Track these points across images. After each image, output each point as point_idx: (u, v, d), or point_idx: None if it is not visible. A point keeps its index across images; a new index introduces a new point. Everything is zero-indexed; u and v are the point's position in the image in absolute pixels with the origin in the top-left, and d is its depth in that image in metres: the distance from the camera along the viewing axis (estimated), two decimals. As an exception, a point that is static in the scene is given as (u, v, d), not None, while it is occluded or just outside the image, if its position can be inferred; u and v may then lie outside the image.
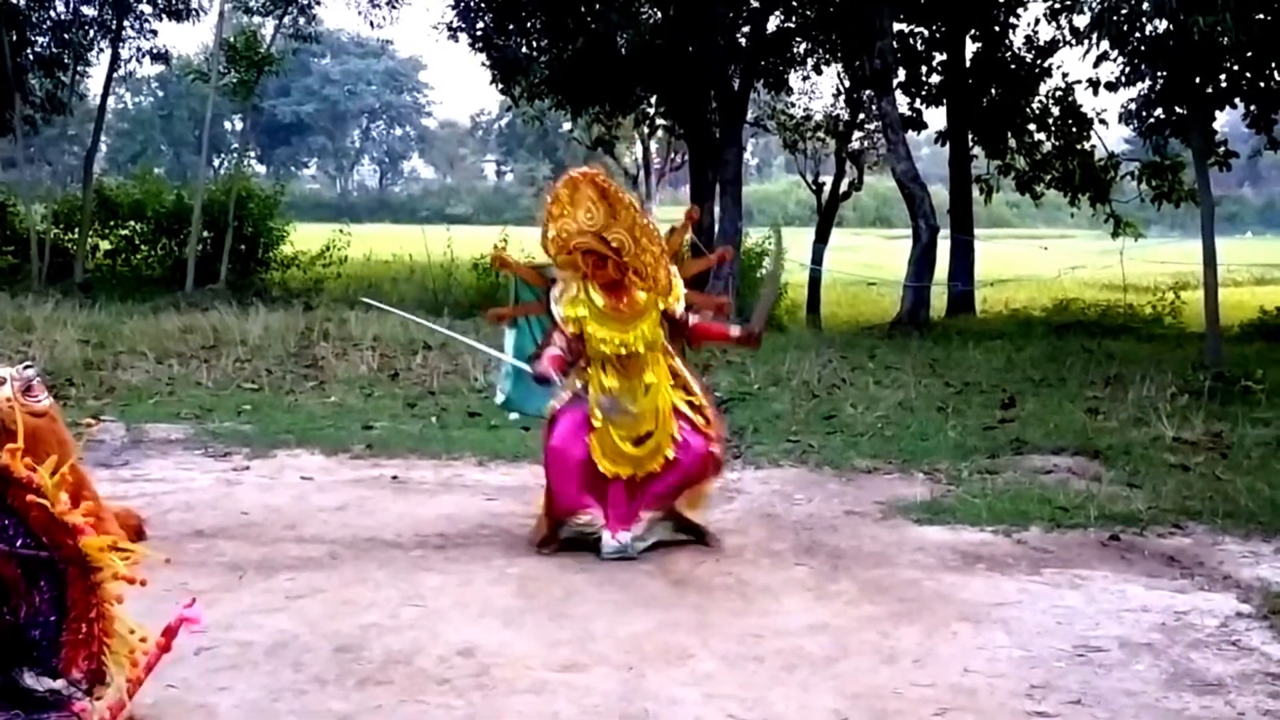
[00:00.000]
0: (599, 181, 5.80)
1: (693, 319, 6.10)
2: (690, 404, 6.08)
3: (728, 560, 5.88)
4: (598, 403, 5.89)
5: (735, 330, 6.16)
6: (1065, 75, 21.73)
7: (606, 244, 5.73)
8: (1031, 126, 22.08)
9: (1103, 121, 21.06)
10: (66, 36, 23.02)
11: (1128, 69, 14.60)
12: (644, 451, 5.93)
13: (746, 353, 13.87)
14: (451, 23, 22.24)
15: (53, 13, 23.27)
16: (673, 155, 36.65)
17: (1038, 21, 22.02)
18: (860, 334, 18.28)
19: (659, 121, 28.12)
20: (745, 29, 21.43)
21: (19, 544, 3.14)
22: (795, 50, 23.22)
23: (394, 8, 24.23)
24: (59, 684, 3.25)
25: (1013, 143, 22.07)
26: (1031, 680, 4.33)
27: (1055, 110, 21.69)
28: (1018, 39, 22.11)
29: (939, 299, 20.86)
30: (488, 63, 22.58)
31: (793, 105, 26.02)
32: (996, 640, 4.75)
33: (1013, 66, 21.90)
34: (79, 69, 24.22)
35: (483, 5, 21.80)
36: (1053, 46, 21.46)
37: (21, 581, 3.19)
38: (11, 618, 3.24)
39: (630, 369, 5.88)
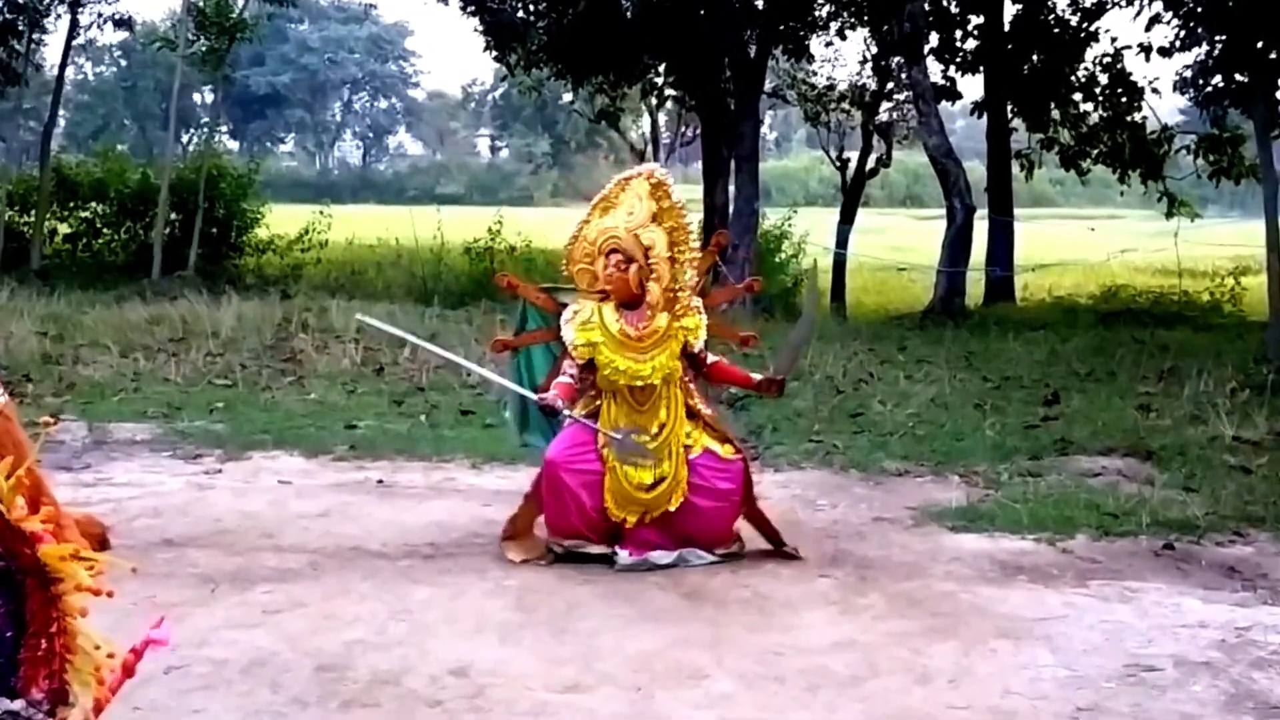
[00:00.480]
0: (652, 178, 5.93)
1: (711, 358, 6.12)
2: (715, 437, 6.05)
3: (745, 572, 5.88)
4: (609, 440, 5.86)
5: (757, 377, 6.13)
6: (1114, 40, 21.59)
7: (638, 241, 5.80)
8: (1077, 96, 21.99)
9: (1155, 91, 20.98)
10: (20, 1, 23.02)
11: (1183, 33, 14.62)
12: (655, 495, 5.88)
13: (765, 344, 13.90)
14: (441, -16, 22.25)
15: (6, -25, 23.28)
16: (683, 129, 36.60)
17: (1084, -20, 21.94)
18: (889, 324, 18.28)
19: (668, 92, 28.10)
20: (763, -10, 21.40)
21: None
22: (817, 13, 23.15)
23: (378, -32, 24.23)
24: (17, 705, 3.25)
25: (1056, 114, 21.97)
26: (1078, 703, 4.33)
27: (1103, 78, 21.60)
28: (1062, 0, 22.08)
29: (975, 285, 20.83)
30: (481, 28, 22.59)
31: (815, 74, 25.99)
32: (1039, 659, 4.75)
33: (1056, 30, 21.79)
34: (35, 37, 24.24)
35: (476, -35, 21.83)
36: (1100, 8, 21.39)
37: (-24, 597, 3.20)
38: (-35, 635, 3.25)
39: (643, 403, 5.88)
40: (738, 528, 6.13)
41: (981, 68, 22.21)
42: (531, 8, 22.29)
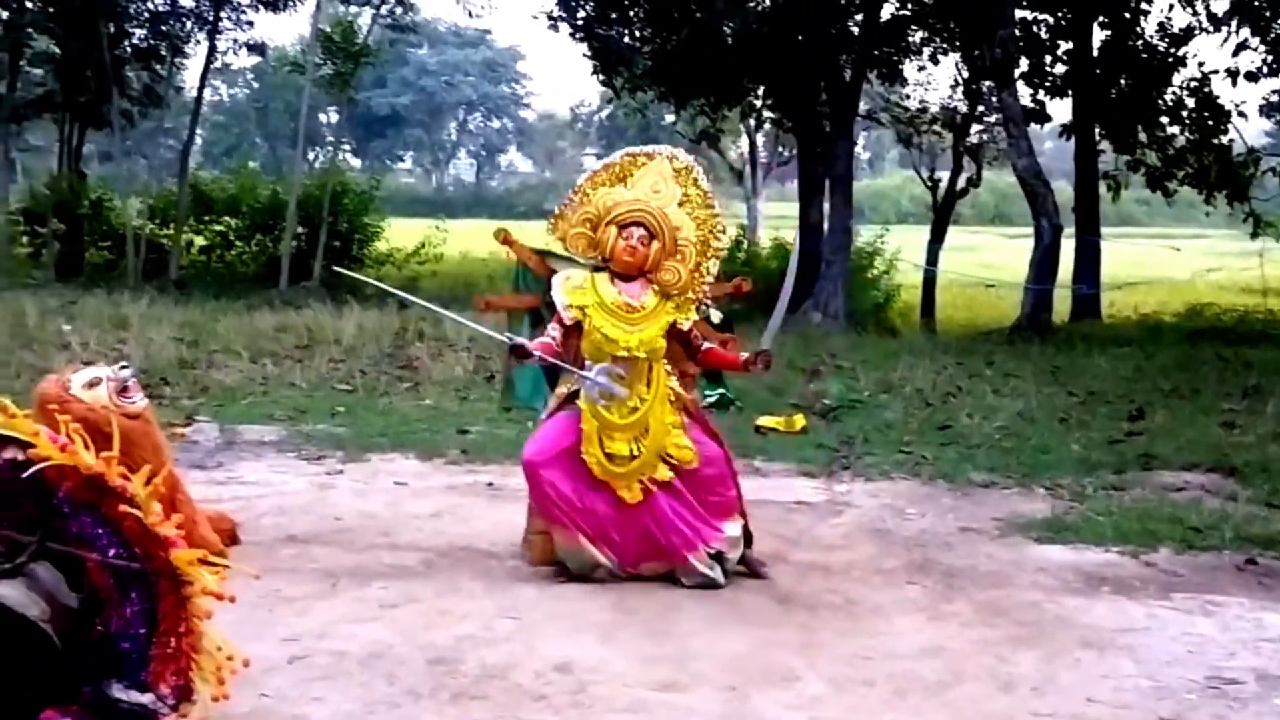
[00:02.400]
0: (676, 161, 5.74)
1: (706, 345, 5.94)
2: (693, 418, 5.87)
3: (836, 577, 5.85)
4: (580, 379, 5.59)
5: (744, 356, 5.91)
6: (1201, 65, 21.44)
7: (667, 220, 5.62)
8: (1164, 119, 21.62)
9: (1242, 114, 20.61)
10: (164, 29, 23.60)
11: (1270, 58, 14.25)
12: (634, 467, 5.62)
13: (857, 358, 13.83)
14: (552, 12, 22.41)
15: (150, 5, 23.89)
16: (780, 150, 36.48)
17: (1172, 7, 21.55)
18: (977, 339, 18.04)
19: (766, 114, 28.06)
20: (858, 16, 21.25)
21: (111, 554, 3.23)
22: (911, 39, 23.00)
23: (493, -4, 24.50)
24: (146, 698, 3.34)
25: (1143, 136, 21.64)
26: (1160, 713, 4.25)
27: (1190, 102, 21.23)
28: (1150, 26, 21.70)
29: (1062, 302, 20.51)
30: (589, 53, 22.71)
31: (907, 97, 25.77)
32: (1122, 669, 4.67)
33: (1144, 55, 21.46)
34: (176, 61, 24.83)
35: (585, -7, 21.94)
36: (1188, 34, 21.03)
37: (114, 593, 3.28)
38: (103, 628, 3.33)
39: (625, 375, 5.61)
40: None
41: (1070, 91, 21.92)
42: (637, 33, 22.37)
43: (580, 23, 22.23)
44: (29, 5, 21.63)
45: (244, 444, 8.83)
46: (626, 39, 22.29)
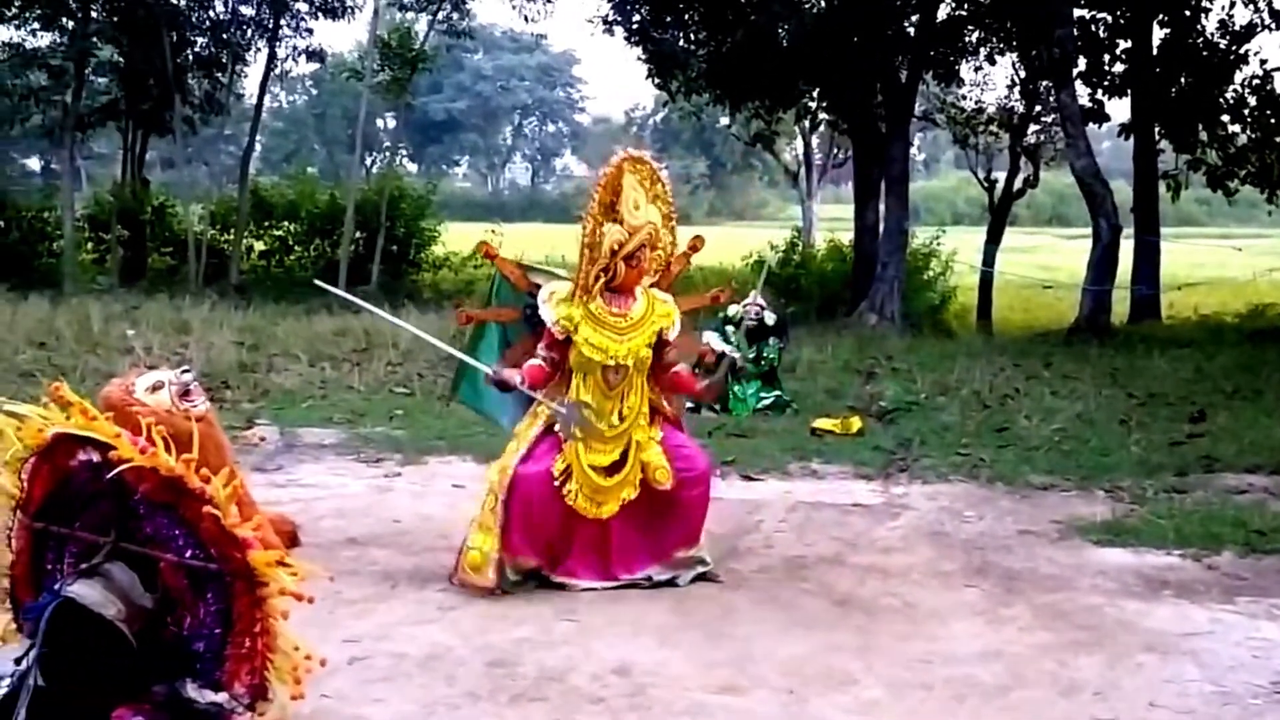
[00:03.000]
0: (635, 167, 5.63)
1: (677, 367, 5.84)
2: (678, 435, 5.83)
3: (894, 580, 5.82)
4: (553, 410, 5.60)
5: (701, 385, 5.86)
6: (1264, 62, 20.93)
7: (655, 229, 5.61)
8: (1225, 118, 21.36)
9: (1305, 112, 20.27)
10: (225, 37, 23.85)
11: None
12: (617, 481, 5.63)
13: (913, 360, 13.75)
14: (607, 16, 22.41)
15: (212, 13, 24.14)
16: (835, 151, 36.35)
17: (1233, 4, 21.27)
18: (1035, 341, 17.90)
19: (821, 116, 27.94)
20: (914, 17, 21.12)
21: (188, 555, 3.27)
22: (967, 39, 22.82)
23: (548, 1, 24.56)
24: (221, 697, 3.37)
25: (1204, 135, 21.36)
26: (1224, 718, 4.19)
27: (1252, 100, 20.94)
28: (1211, 23, 21.41)
29: (1121, 304, 20.28)
30: (644, 56, 22.70)
31: (964, 97, 25.57)
32: (1186, 673, 4.61)
33: (1205, 53, 21.17)
34: (236, 69, 25.10)
35: (639, -2, 21.94)
36: (1250, 31, 20.74)
37: (188, 593, 3.33)
38: (176, 629, 3.38)
39: (614, 386, 5.61)
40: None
41: (1129, 90, 21.66)
42: (692, 36, 22.36)
43: (635, 26, 22.23)
44: (94, 15, 21.93)
45: (303, 447, 8.90)
46: (681, 42, 22.28)
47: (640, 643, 4.88)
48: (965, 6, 22.16)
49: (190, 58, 24.03)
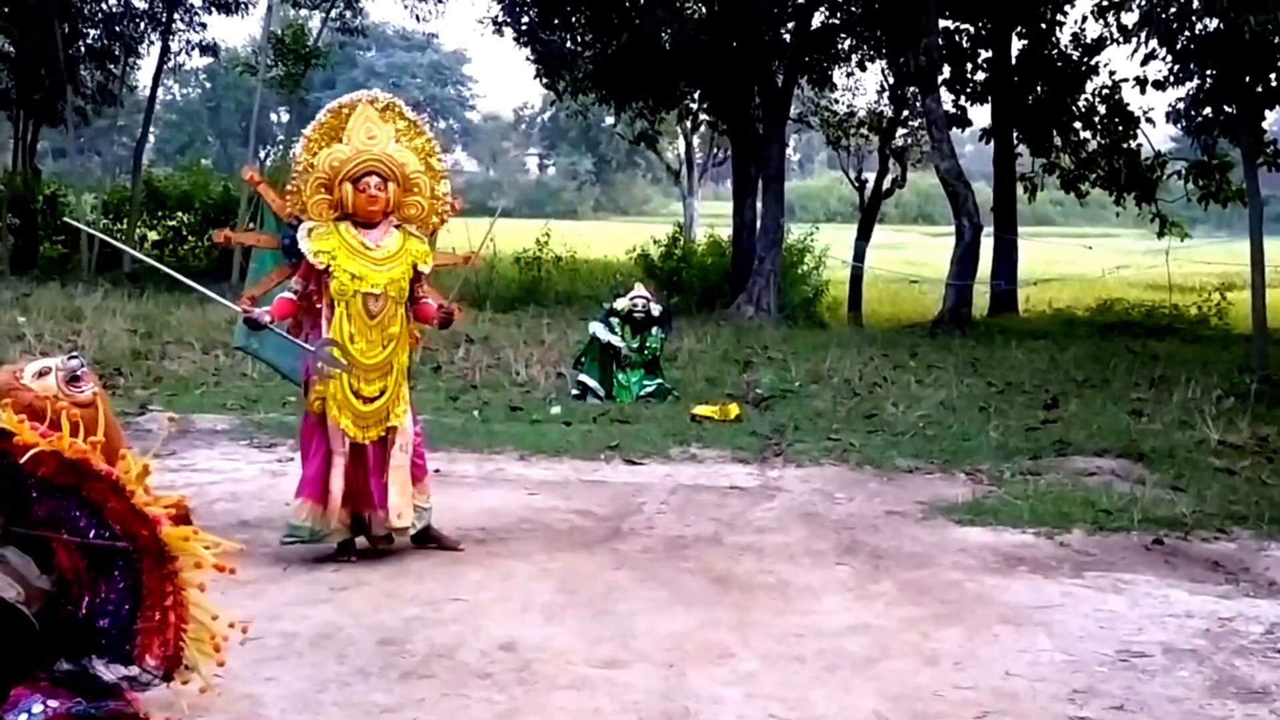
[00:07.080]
0: (377, 103, 5.70)
1: (427, 301, 5.86)
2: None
3: (769, 559, 5.87)
4: (303, 351, 5.57)
5: (441, 313, 5.89)
6: (1112, 73, 21.52)
7: (394, 161, 5.61)
8: (1077, 125, 21.94)
9: (1150, 120, 20.87)
10: (117, 29, 23.25)
11: (1176, 67, 14.49)
12: (377, 407, 5.61)
13: (788, 350, 13.89)
14: (496, 17, 22.34)
15: (104, 5, 23.51)
16: (715, 151, 36.57)
17: (1085, 19, 22.05)
18: (902, 332, 18.21)
19: (702, 117, 28.11)
20: (790, 25, 21.34)
21: (91, 535, 3.18)
22: (839, 46, 23.15)
23: (439, 1, 24.30)
24: (132, 670, 3.30)
25: (1058, 141, 21.93)
26: (1074, 685, 4.30)
27: (1102, 108, 21.52)
28: (1065, 36, 22.04)
29: (981, 298, 20.74)
30: (532, 57, 22.63)
31: (836, 101, 25.94)
32: (1038, 643, 4.72)
33: (1059, 64, 21.74)
34: (129, 61, 24.47)
35: (528, 0, 21.83)
36: (1100, 44, 21.30)
37: (85, 574, 3.24)
38: (73, 608, 3.28)
39: (375, 315, 5.57)
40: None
41: (990, 98, 22.19)
42: (579, 39, 22.31)
43: (524, 28, 22.15)
44: (-15, 5, 21.26)
45: (197, 433, 8.72)
46: (568, 44, 22.23)
47: (527, 619, 4.86)
48: (838, 15, 22.45)
49: (83, 49, 23.39)
